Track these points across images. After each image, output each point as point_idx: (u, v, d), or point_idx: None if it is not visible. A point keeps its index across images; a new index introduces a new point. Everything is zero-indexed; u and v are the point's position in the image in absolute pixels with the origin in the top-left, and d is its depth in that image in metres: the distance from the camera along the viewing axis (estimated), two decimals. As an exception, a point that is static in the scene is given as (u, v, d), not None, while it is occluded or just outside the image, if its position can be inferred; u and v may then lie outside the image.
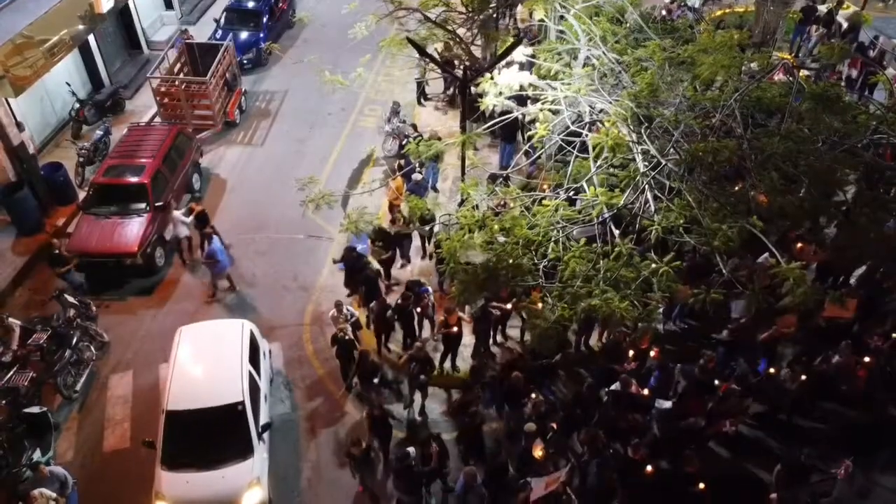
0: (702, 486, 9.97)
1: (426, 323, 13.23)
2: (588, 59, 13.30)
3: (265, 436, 11.06)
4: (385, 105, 19.34)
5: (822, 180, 11.71)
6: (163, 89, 18.79)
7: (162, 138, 16.35)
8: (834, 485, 10.30)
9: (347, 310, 12.50)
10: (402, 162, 15.57)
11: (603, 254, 9.86)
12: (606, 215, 10.44)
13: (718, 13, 24.18)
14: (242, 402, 10.83)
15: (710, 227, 9.61)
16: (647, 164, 10.53)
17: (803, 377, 11.27)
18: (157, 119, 19.08)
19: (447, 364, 12.76)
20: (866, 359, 11.69)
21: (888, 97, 15.38)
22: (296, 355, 13.44)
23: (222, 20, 22.90)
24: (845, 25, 20.94)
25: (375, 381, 12.02)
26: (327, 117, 20.14)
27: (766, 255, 13.30)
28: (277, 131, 19.63)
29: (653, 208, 10.26)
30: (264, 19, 22.89)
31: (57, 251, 13.90)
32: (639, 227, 10.13)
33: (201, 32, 23.29)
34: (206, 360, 11.68)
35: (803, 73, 19.24)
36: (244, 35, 22.28)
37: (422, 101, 20.33)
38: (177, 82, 18.85)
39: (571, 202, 11.54)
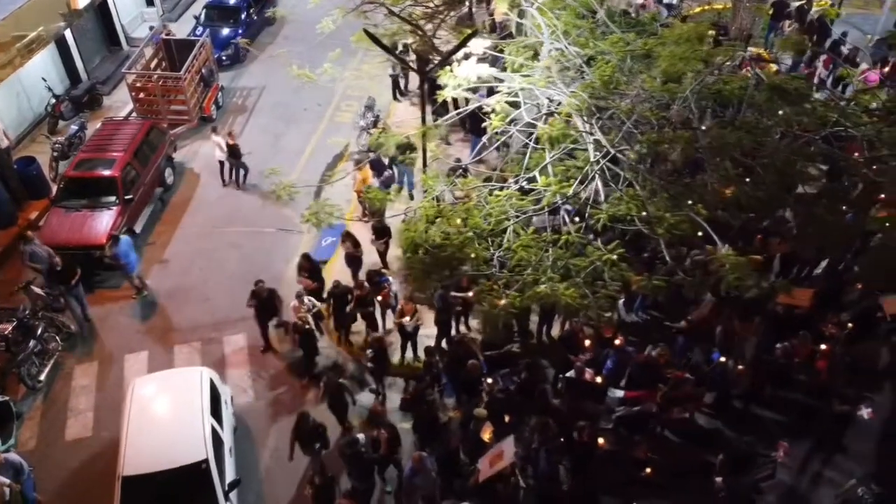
0: (648, 470, 10.10)
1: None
2: (551, 53, 13.43)
3: (233, 495, 10.18)
4: (361, 100, 19.45)
5: (778, 172, 11.85)
6: (138, 85, 18.91)
7: (134, 133, 16.45)
8: (775, 468, 10.44)
9: (309, 300, 12.60)
10: (372, 156, 15.70)
11: (552, 242, 9.99)
12: (559, 204, 10.59)
13: (697, 9, 24.30)
14: (206, 461, 9.93)
15: (655, 216, 9.73)
16: (598, 154, 10.65)
17: (743, 367, 11.35)
18: (134, 114, 19.20)
19: (410, 353, 12.89)
20: (822, 347, 11.80)
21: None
22: (261, 345, 13.53)
23: (202, 16, 23.02)
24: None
25: (317, 446, 10.69)
26: (303, 113, 20.25)
27: (727, 246, 13.51)
28: (254, 126, 19.74)
29: (602, 198, 10.39)
30: (243, 16, 23.02)
31: (59, 268, 13.50)
32: (587, 215, 10.28)
33: (183, 29, 23.39)
34: (164, 416, 10.75)
35: (774, 67, 19.45)
36: (224, 31, 22.39)
37: (398, 96, 20.44)
38: (153, 78, 19.00)
39: (528, 192, 11.66)
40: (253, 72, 22.26)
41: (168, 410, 10.88)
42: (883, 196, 12.94)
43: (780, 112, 11.99)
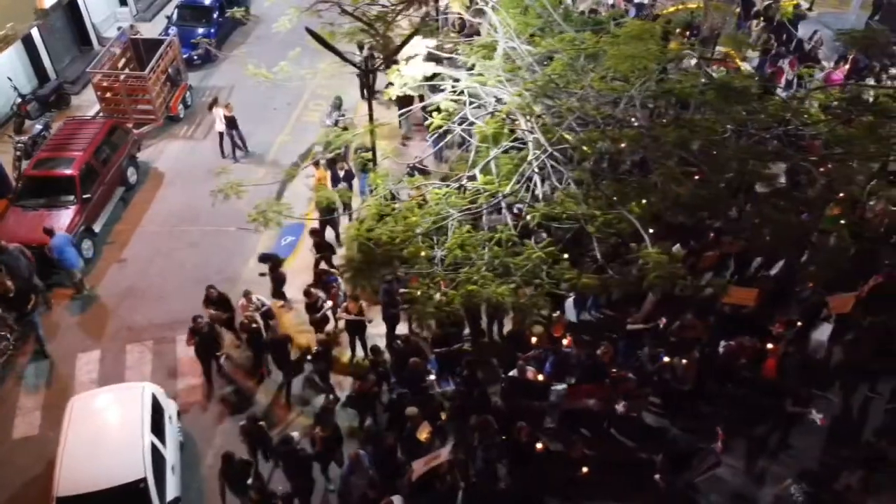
0: (585, 470, 10.09)
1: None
2: (505, 51, 13.44)
3: None
4: (330, 100, 19.43)
5: (725, 170, 11.88)
6: (104, 84, 18.90)
7: (95, 132, 16.46)
8: (718, 458, 10.41)
9: (258, 299, 12.60)
10: (339, 154, 15.67)
11: (489, 240, 10.00)
12: (500, 203, 10.60)
13: (671, 9, 24.27)
14: (144, 479, 9.78)
15: (587, 214, 9.73)
16: (537, 152, 10.66)
17: (687, 363, 11.34)
18: (101, 114, 19.19)
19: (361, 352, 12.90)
20: (769, 346, 11.79)
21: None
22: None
23: (174, 16, 23.03)
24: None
25: (248, 482, 10.04)
26: (273, 112, 20.27)
27: (678, 244, 13.52)
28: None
29: (541, 195, 10.40)
30: (215, 15, 23.01)
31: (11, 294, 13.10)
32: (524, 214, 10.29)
33: (156, 29, 23.40)
34: (102, 434, 10.47)
35: (743, 66, 19.47)
36: (197, 31, 22.37)
37: (365, 95, 20.41)
38: (121, 77, 19.00)
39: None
40: (224, 71, 22.26)
41: (106, 428, 10.65)
42: (841, 195, 13.01)
43: (728, 112, 12.03)
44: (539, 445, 10.19)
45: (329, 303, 12.43)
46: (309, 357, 11.74)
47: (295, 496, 10.24)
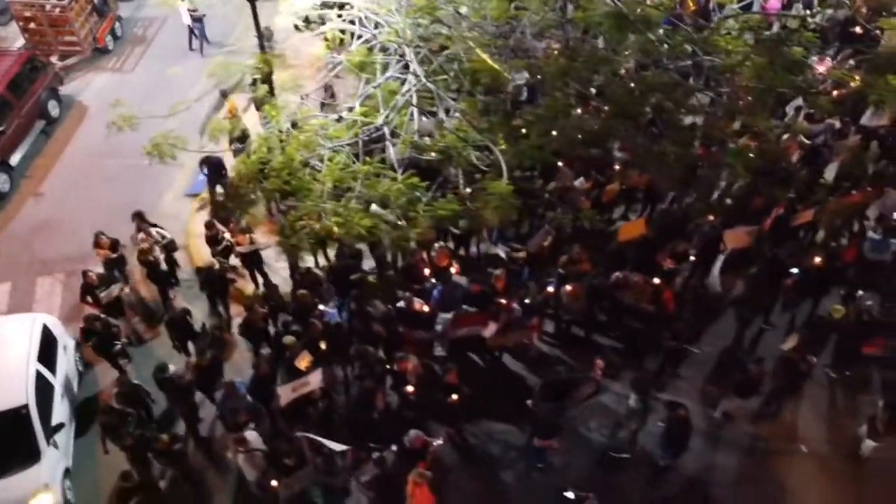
0: (455, 397, 10.38)
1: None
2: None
3: (61, 436, 10.48)
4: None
5: (621, 101, 11.76)
6: (26, 14, 18.48)
7: (9, 65, 16.20)
8: (598, 385, 10.68)
9: (158, 232, 12.67)
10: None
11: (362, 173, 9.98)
12: (373, 133, 10.53)
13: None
14: (27, 405, 10.15)
15: (453, 146, 9.70)
16: (413, 83, 10.53)
17: (572, 290, 11.51)
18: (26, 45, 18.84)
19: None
20: (656, 281, 11.92)
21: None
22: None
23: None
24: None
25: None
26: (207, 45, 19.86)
27: (582, 178, 13.52)
28: (150, 59, 19.42)
29: (416, 127, 10.34)
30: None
31: None
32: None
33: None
34: None
35: None
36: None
37: (299, 27, 19.96)
38: (46, 7, 18.54)
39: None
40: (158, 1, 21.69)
41: (-6, 357, 10.90)
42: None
43: (623, 42, 11.82)
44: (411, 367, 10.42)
45: (227, 234, 12.49)
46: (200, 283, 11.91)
47: (186, 421, 10.65)
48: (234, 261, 12.79)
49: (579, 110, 11.66)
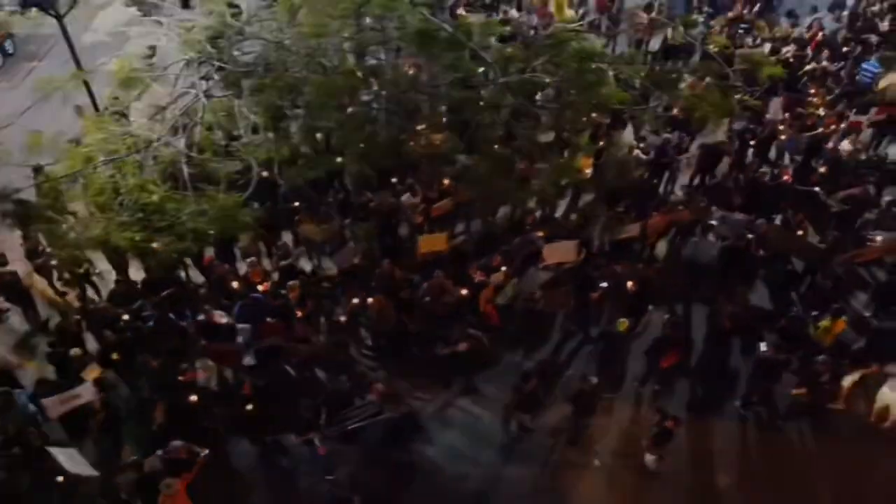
0: (250, 407, 10.52)
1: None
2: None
3: None
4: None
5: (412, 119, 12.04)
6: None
7: None
8: (380, 407, 10.78)
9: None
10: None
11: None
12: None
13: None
14: None
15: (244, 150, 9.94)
16: (204, 101, 10.76)
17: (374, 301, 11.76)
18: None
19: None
20: (463, 292, 12.09)
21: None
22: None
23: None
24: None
25: None
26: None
27: (409, 194, 13.73)
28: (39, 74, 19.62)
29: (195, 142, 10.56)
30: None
31: None
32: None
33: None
34: None
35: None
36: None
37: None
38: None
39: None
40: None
41: None
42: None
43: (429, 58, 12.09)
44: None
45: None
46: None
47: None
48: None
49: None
